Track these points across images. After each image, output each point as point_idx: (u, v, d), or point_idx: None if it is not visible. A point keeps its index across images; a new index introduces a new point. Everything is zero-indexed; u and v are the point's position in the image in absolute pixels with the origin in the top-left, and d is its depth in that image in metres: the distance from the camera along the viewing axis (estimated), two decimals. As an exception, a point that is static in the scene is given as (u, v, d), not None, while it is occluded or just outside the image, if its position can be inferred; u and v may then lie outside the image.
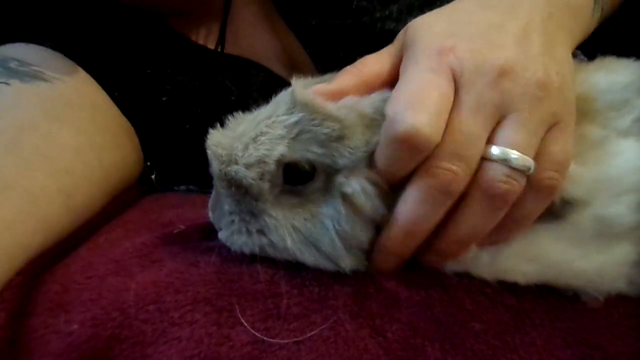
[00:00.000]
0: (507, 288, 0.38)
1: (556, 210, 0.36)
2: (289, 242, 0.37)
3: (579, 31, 0.44)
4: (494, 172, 0.34)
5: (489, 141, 0.35)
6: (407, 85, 0.35)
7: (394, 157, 0.34)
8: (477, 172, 0.34)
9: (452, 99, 0.34)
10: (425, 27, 0.38)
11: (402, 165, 0.35)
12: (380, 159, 0.35)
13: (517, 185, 0.34)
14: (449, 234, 0.36)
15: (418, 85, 0.35)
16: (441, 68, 0.35)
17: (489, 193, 0.34)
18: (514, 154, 0.34)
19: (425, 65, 0.35)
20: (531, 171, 0.34)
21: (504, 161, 0.34)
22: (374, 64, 0.40)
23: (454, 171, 0.33)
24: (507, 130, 0.34)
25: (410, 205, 0.35)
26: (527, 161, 0.34)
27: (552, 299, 0.38)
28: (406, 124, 0.33)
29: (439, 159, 0.34)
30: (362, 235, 0.37)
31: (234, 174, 0.38)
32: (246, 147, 0.37)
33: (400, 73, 0.37)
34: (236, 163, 0.38)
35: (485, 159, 0.34)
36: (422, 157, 0.34)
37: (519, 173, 0.34)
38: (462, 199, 0.35)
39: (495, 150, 0.34)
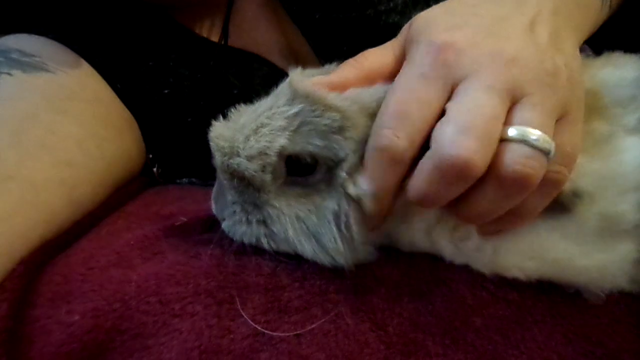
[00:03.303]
0: (508, 283, 0.38)
1: (566, 202, 0.35)
2: (290, 233, 0.37)
3: (587, 26, 0.43)
4: (513, 154, 0.31)
5: (504, 124, 0.32)
6: (392, 97, 0.34)
7: (375, 168, 0.34)
8: (494, 155, 0.32)
9: (440, 104, 0.33)
10: (428, 22, 0.38)
11: (384, 175, 0.34)
12: (366, 167, 0.35)
13: (539, 168, 0.31)
14: (457, 209, 0.34)
15: (401, 97, 0.34)
16: (435, 71, 0.34)
17: (506, 177, 0.31)
18: (533, 134, 0.31)
19: (418, 69, 0.35)
20: (551, 155, 0.32)
21: (524, 142, 0.31)
22: (377, 57, 0.39)
23: (471, 148, 0.30)
24: (523, 111, 0.32)
25: (421, 182, 0.32)
26: (548, 142, 0.31)
27: (553, 295, 0.38)
28: (386, 139, 0.33)
29: (454, 134, 0.31)
30: (365, 228, 0.37)
31: (236, 166, 0.38)
32: (247, 139, 0.37)
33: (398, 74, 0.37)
34: (238, 155, 0.38)
35: (502, 140, 0.32)
36: (401, 168, 0.33)
37: (540, 154, 0.31)
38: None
39: (512, 131, 0.32)
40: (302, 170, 0.37)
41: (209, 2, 0.66)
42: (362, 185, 0.35)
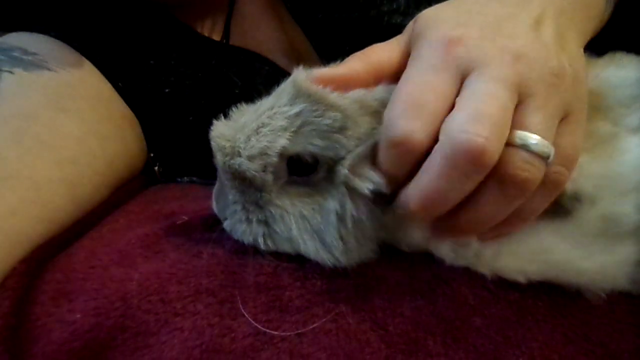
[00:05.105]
0: (509, 283, 0.38)
1: (565, 204, 0.35)
2: (294, 232, 0.37)
3: (591, 27, 0.43)
4: (512, 158, 0.31)
5: None
6: (405, 88, 0.34)
7: (390, 159, 0.34)
8: None
9: (452, 96, 0.33)
10: (434, 18, 0.38)
11: (398, 167, 0.34)
12: (380, 160, 0.35)
13: (537, 172, 0.32)
14: (457, 218, 0.34)
15: (415, 88, 0.34)
16: (445, 63, 0.34)
17: (505, 180, 0.32)
18: (533, 139, 0.32)
19: (428, 62, 0.35)
20: (550, 159, 0.32)
21: (523, 146, 0.31)
22: (384, 51, 0.39)
23: (485, 135, 0.30)
24: (525, 115, 0.32)
25: (429, 179, 0.32)
26: (547, 147, 0.32)
27: (554, 295, 0.38)
28: (399, 130, 0.32)
29: (466, 122, 0.30)
30: (367, 227, 0.37)
31: (237, 166, 0.38)
32: (248, 139, 0.37)
33: (406, 67, 0.37)
34: (239, 155, 0.37)
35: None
36: (415, 159, 0.33)
37: (539, 159, 0.32)
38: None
39: (512, 135, 0.32)
40: (304, 170, 0.37)
41: (210, 1, 0.66)
42: (374, 178, 0.35)
